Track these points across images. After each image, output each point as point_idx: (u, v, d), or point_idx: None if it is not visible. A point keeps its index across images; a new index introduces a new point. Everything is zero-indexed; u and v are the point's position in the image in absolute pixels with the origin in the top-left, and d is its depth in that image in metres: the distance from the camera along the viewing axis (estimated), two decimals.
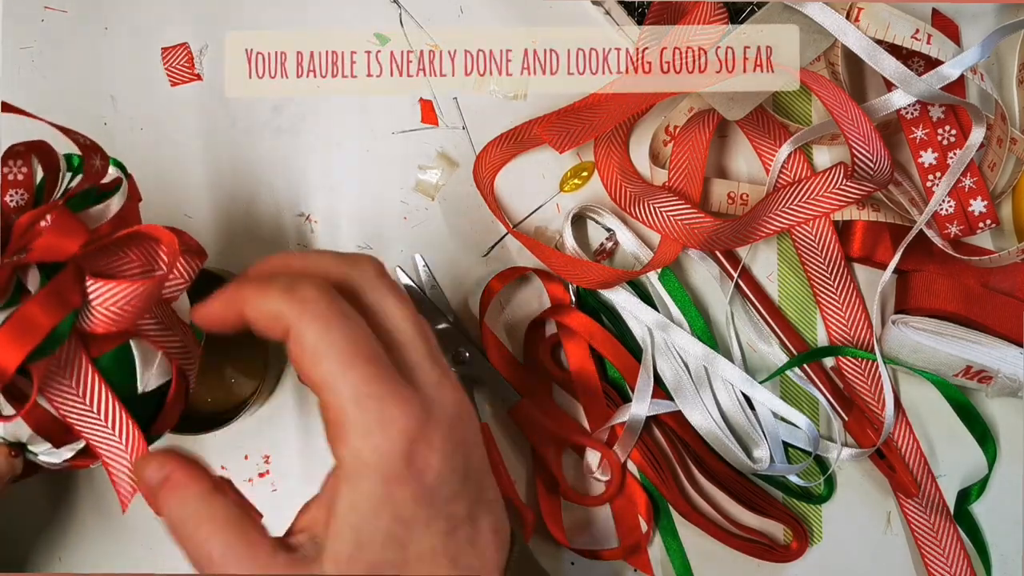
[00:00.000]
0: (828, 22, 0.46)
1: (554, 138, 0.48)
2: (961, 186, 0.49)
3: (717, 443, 0.50)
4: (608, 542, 0.52)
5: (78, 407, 0.35)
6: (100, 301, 0.34)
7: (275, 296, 0.33)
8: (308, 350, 0.33)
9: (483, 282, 0.51)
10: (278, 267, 0.36)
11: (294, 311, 0.33)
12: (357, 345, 0.33)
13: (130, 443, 0.36)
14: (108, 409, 0.36)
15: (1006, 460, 0.52)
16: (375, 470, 0.34)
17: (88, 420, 0.36)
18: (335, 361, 0.33)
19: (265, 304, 0.33)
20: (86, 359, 0.35)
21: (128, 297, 0.34)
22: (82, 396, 0.35)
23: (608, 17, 0.52)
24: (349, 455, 0.34)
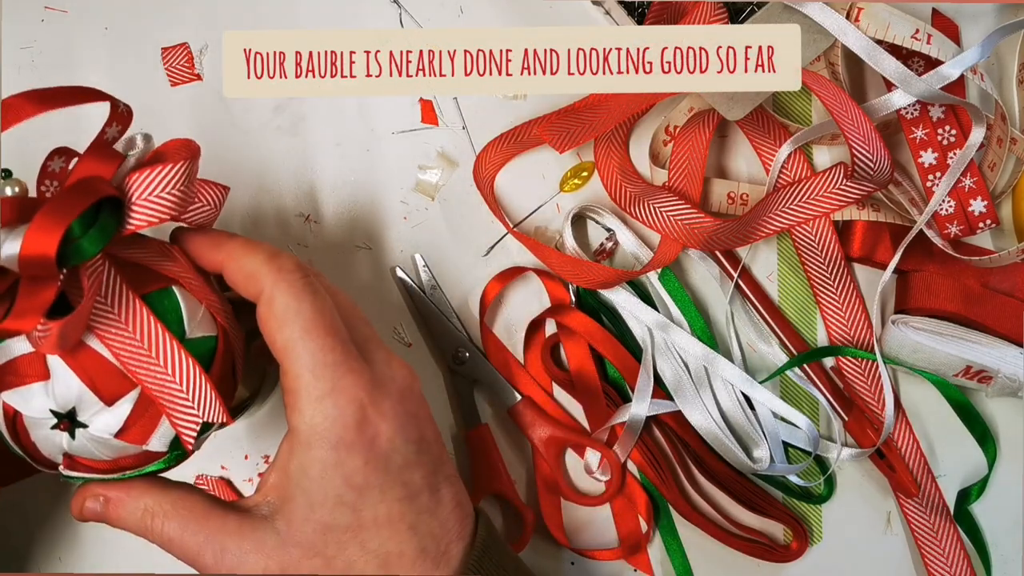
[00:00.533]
0: (828, 22, 0.46)
1: (554, 138, 0.48)
2: (961, 186, 0.49)
3: (717, 443, 0.50)
4: (608, 542, 0.52)
5: (132, 344, 0.34)
6: (140, 192, 0.34)
7: (259, 257, 0.36)
8: (276, 314, 0.36)
9: (483, 282, 0.51)
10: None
11: (271, 275, 0.36)
12: (322, 316, 0.36)
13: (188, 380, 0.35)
14: (162, 345, 0.34)
15: (1006, 460, 0.52)
16: (325, 437, 0.35)
17: (144, 359, 0.34)
18: (299, 328, 0.35)
19: (248, 262, 0.36)
20: (134, 296, 0.34)
21: (167, 181, 0.34)
22: (134, 332, 0.34)
23: (608, 17, 0.52)
24: (302, 422, 0.36)
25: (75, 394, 0.34)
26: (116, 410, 0.35)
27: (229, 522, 0.37)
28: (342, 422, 0.35)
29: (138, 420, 0.35)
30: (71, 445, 0.35)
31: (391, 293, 0.52)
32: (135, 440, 0.36)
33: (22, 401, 0.35)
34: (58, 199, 0.32)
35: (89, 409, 0.35)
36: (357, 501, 0.36)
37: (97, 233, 0.33)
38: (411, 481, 0.37)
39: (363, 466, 0.36)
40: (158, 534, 0.37)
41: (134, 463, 0.37)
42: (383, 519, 0.37)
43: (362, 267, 0.52)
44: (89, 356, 0.34)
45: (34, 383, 0.34)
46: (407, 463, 0.37)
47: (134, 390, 0.35)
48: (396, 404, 0.37)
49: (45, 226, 0.31)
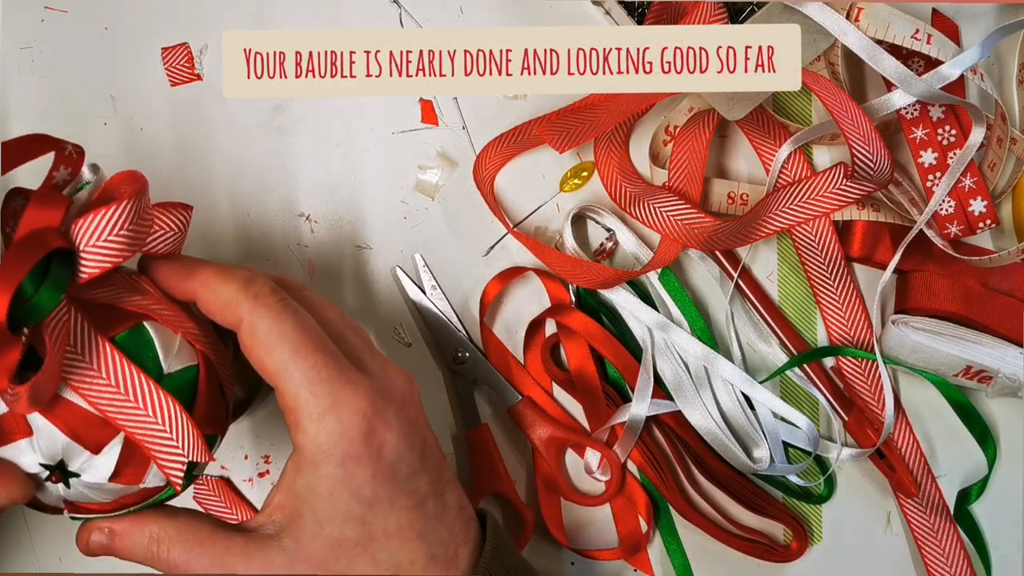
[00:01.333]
0: (828, 22, 0.46)
1: (554, 138, 0.48)
2: (961, 186, 0.49)
3: (717, 443, 0.50)
4: (608, 542, 0.52)
5: (108, 391, 0.34)
6: (88, 238, 0.33)
7: (233, 286, 0.36)
8: (260, 340, 0.35)
9: (483, 282, 0.51)
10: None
11: (248, 303, 0.35)
12: (307, 335, 0.35)
13: (170, 420, 0.34)
14: (138, 387, 0.34)
15: (1006, 460, 0.52)
16: (331, 453, 0.35)
17: (122, 404, 0.34)
18: (287, 350, 0.35)
19: (222, 291, 0.36)
20: (103, 340, 0.34)
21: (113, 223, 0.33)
22: (108, 378, 0.34)
23: (608, 17, 0.52)
24: (306, 440, 0.35)
25: (60, 446, 0.34)
26: (105, 457, 0.35)
27: (234, 543, 0.36)
28: (347, 436, 0.35)
29: (129, 462, 0.35)
30: (68, 493, 0.35)
31: (391, 293, 0.52)
32: (130, 481, 0.35)
33: (13, 457, 0.34)
34: (3, 261, 0.31)
35: (78, 459, 0.34)
36: (367, 514, 0.36)
37: (50, 288, 0.32)
38: (418, 489, 0.37)
39: (371, 479, 0.36)
40: (164, 560, 0.37)
41: (136, 500, 0.37)
42: (393, 530, 0.36)
43: (362, 267, 0.52)
44: (67, 408, 0.34)
45: (20, 440, 0.34)
46: (413, 471, 0.37)
47: (119, 435, 0.35)
48: (398, 411, 0.37)
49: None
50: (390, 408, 0.36)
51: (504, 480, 0.51)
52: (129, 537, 0.37)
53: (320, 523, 0.36)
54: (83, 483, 0.35)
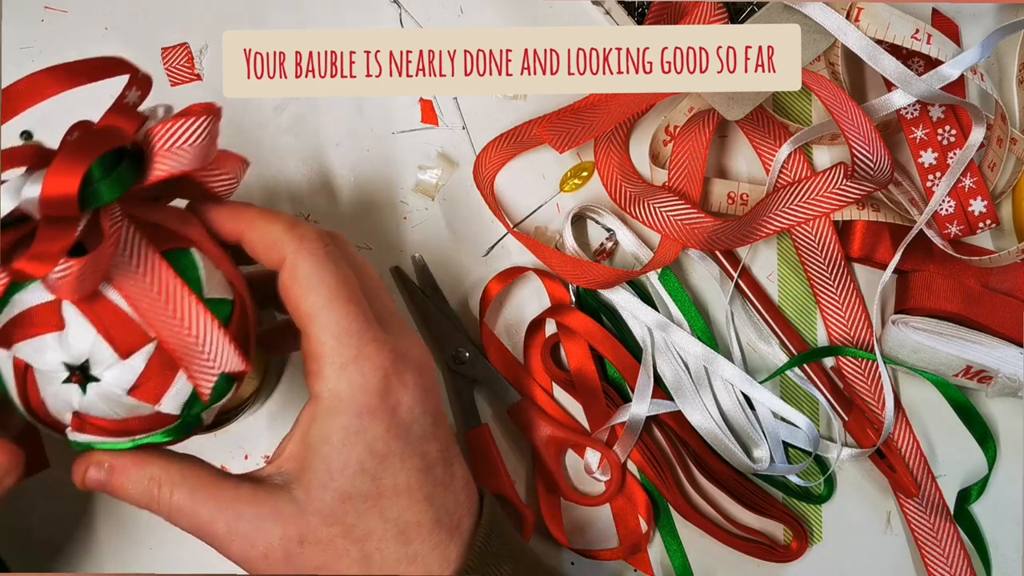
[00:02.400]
0: (828, 22, 0.46)
1: (554, 138, 0.48)
2: (961, 186, 0.49)
3: (717, 443, 0.50)
4: (608, 542, 0.52)
5: (149, 297, 0.33)
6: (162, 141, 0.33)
7: (279, 226, 0.36)
8: (300, 281, 0.35)
9: (483, 282, 0.51)
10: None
11: (293, 243, 0.36)
12: (344, 285, 0.36)
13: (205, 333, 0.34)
14: (180, 299, 0.33)
15: (1006, 460, 0.52)
16: (349, 403, 0.35)
17: (161, 312, 0.33)
18: (323, 296, 0.35)
19: (269, 230, 0.36)
20: (153, 250, 0.34)
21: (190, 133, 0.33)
22: (152, 285, 0.33)
23: (608, 17, 0.52)
24: (325, 388, 0.35)
25: (89, 345, 0.33)
26: (130, 364, 0.34)
27: (243, 490, 0.36)
28: (366, 389, 0.35)
29: (152, 377, 0.34)
30: (82, 401, 0.34)
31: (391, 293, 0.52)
32: (147, 398, 0.34)
33: (34, 353, 0.34)
34: (79, 141, 0.32)
35: (103, 362, 0.34)
36: (378, 469, 0.36)
37: (116, 178, 0.32)
38: (428, 452, 0.37)
39: (384, 433, 0.36)
40: (165, 504, 0.36)
41: (144, 426, 0.36)
42: (402, 488, 0.36)
43: None
44: (105, 306, 0.33)
45: (47, 334, 0.33)
46: (425, 434, 0.37)
47: (149, 344, 0.34)
48: (416, 376, 0.37)
49: (66, 165, 0.31)
50: (409, 371, 0.37)
51: (504, 480, 0.51)
52: (128, 475, 0.36)
53: (331, 474, 0.35)
54: (100, 391, 0.34)
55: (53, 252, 0.31)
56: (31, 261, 0.31)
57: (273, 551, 0.35)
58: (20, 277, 0.32)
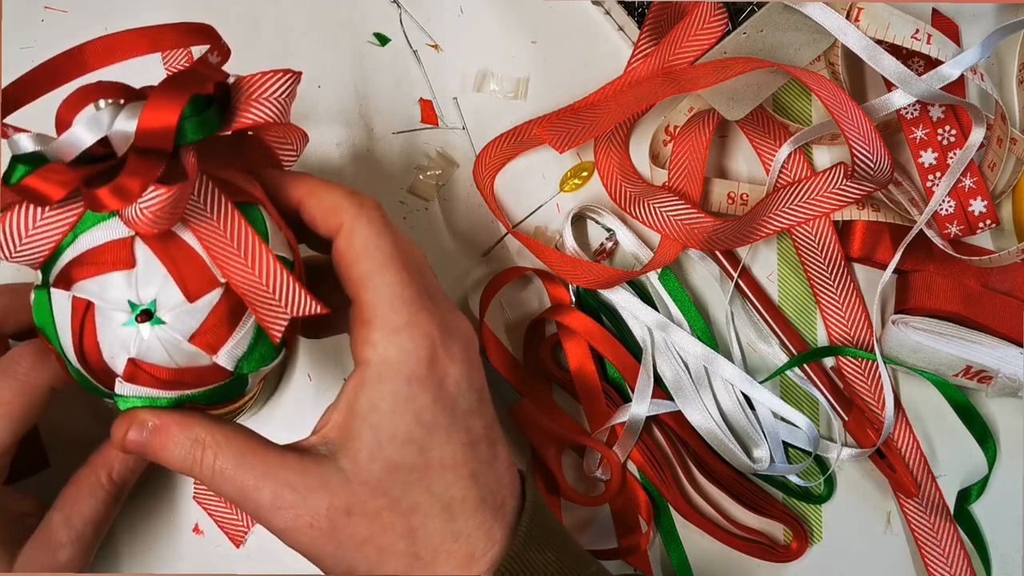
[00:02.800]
0: (828, 22, 0.46)
1: (554, 138, 0.48)
2: (961, 186, 0.49)
3: (717, 443, 0.50)
4: (608, 542, 0.52)
5: (222, 242, 0.33)
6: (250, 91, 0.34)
7: (340, 192, 0.36)
8: (356, 247, 0.36)
9: (483, 282, 0.51)
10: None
11: (353, 209, 0.36)
12: (400, 253, 0.36)
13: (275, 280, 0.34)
14: (252, 248, 0.34)
15: (1006, 460, 0.52)
16: (398, 370, 0.35)
17: (234, 258, 0.33)
18: (378, 260, 0.35)
19: (329, 196, 0.36)
20: (226, 199, 0.34)
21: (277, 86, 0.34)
22: (225, 231, 0.33)
23: (608, 17, 0.52)
24: (375, 354, 0.35)
25: (158, 285, 0.33)
26: (196, 307, 0.34)
27: (289, 458, 0.35)
28: (416, 356, 0.35)
29: (214, 325, 0.34)
30: (140, 346, 0.34)
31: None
32: (207, 347, 0.34)
33: (100, 290, 0.33)
34: (175, 79, 0.32)
35: (168, 304, 0.33)
36: (425, 440, 0.35)
37: (204, 119, 0.32)
38: (473, 428, 0.37)
39: (432, 404, 0.35)
40: (208, 467, 0.35)
41: (196, 379, 0.35)
42: (448, 462, 0.36)
43: None
44: (179, 247, 0.34)
45: (116, 271, 0.33)
46: (471, 409, 0.37)
47: (216, 289, 0.34)
48: (463, 349, 0.37)
49: (166, 98, 0.31)
50: (456, 344, 0.36)
51: None
52: (172, 436, 0.35)
53: (380, 443, 0.35)
54: (162, 334, 0.34)
55: (139, 185, 0.31)
56: (115, 192, 0.30)
57: (319, 521, 0.35)
58: (99, 207, 0.31)
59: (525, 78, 0.53)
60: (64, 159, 0.32)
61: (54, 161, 0.32)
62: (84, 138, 0.32)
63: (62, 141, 0.32)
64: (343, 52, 0.52)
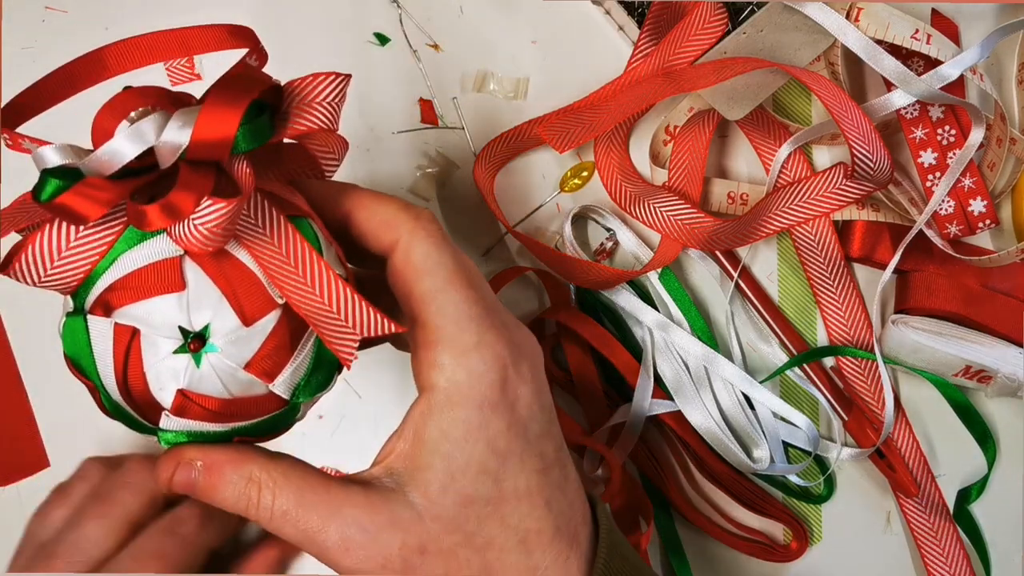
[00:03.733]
0: (828, 22, 0.46)
1: (554, 138, 0.48)
2: (961, 186, 0.49)
3: (717, 443, 0.50)
4: None
5: (279, 259, 0.30)
6: (301, 95, 0.31)
7: (394, 206, 0.34)
8: (415, 263, 0.33)
9: None
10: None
11: (409, 223, 0.33)
12: (463, 269, 0.34)
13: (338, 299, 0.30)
14: (310, 264, 0.31)
15: (1006, 460, 0.52)
16: (469, 395, 0.32)
17: (292, 277, 0.31)
18: (441, 278, 0.33)
19: (383, 210, 0.34)
20: (279, 213, 0.31)
21: (330, 89, 0.31)
22: (280, 248, 0.30)
23: (608, 17, 0.52)
24: (442, 378, 0.32)
25: (212, 309, 0.30)
26: (252, 332, 0.31)
27: (354, 494, 0.32)
28: (488, 379, 0.32)
29: (272, 351, 0.31)
30: (191, 376, 0.31)
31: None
32: (264, 374, 0.31)
33: (146, 316, 0.30)
34: (227, 84, 0.29)
35: (223, 328, 0.30)
36: (500, 470, 0.33)
37: (257, 127, 0.29)
38: (546, 453, 0.34)
39: (506, 430, 0.33)
40: (266, 508, 0.32)
41: (249, 411, 0.32)
42: (523, 491, 0.33)
43: None
44: (234, 266, 0.31)
45: (164, 295, 0.30)
46: (543, 432, 0.34)
47: (274, 311, 0.31)
48: (532, 368, 0.34)
49: (223, 106, 0.28)
50: (526, 363, 0.34)
51: None
52: (223, 475, 0.32)
53: (452, 475, 0.32)
54: (216, 362, 0.31)
55: (193, 200, 0.28)
56: (165, 209, 0.28)
57: (391, 562, 0.32)
58: (146, 225, 0.28)
59: (525, 78, 0.53)
60: (103, 173, 0.28)
61: (92, 175, 0.28)
62: (128, 150, 0.28)
63: (102, 152, 0.28)
64: (343, 52, 0.52)
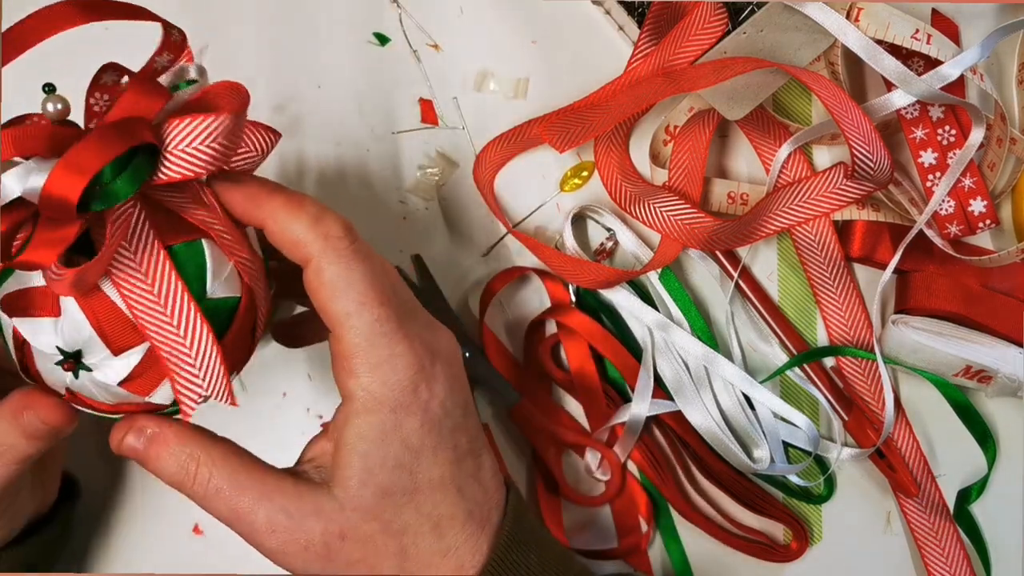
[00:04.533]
0: (828, 22, 0.46)
1: (554, 138, 0.48)
2: (961, 186, 0.49)
3: (717, 443, 0.50)
4: (608, 542, 0.52)
5: (147, 298, 0.32)
6: (179, 141, 0.31)
7: (304, 224, 0.34)
8: (327, 285, 0.35)
9: (483, 282, 0.51)
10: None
11: (319, 243, 0.34)
12: (374, 286, 0.35)
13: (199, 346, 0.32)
14: (179, 304, 0.32)
15: (1006, 460, 0.52)
16: (383, 402, 0.35)
17: (157, 316, 0.32)
18: (352, 300, 0.35)
19: (292, 228, 0.34)
20: (159, 246, 0.33)
21: (207, 133, 0.32)
22: (152, 285, 0.32)
23: (608, 17, 0.52)
24: (359, 388, 0.35)
25: (84, 337, 0.33)
26: (123, 360, 0.33)
27: (285, 483, 0.36)
28: (400, 387, 0.35)
29: (144, 372, 0.34)
30: (73, 383, 0.34)
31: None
32: (138, 392, 0.34)
33: (31, 332, 0.33)
34: (92, 140, 0.30)
35: (96, 354, 0.33)
36: (414, 464, 0.36)
37: (128, 179, 0.31)
38: (459, 444, 0.38)
39: (419, 428, 0.36)
40: (202, 484, 0.36)
41: (135, 411, 0.36)
42: (436, 481, 0.37)
43: None
44: (101, 302, 0.33)
45: (44, 317, 0.33)
46: (456, 426, 0.37)
47: (144, 344, 0.33)
48: (446, 368, 0.37)
49: (73, 168, 0.30)
50: (438, 364, 0.37)
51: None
52: (168, 447, 0.36)
53: (370, 470, 0.36)
54: (92, 379, 0.34)
55: (50, 252, 0.30)
56: (30, 254, 0.30)
57: (313, 546, 0.36)
58: (20, 267, 0.31)
59: (525, 78, 0.53)
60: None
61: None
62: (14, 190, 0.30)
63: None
64: (343, 52, 0.52)
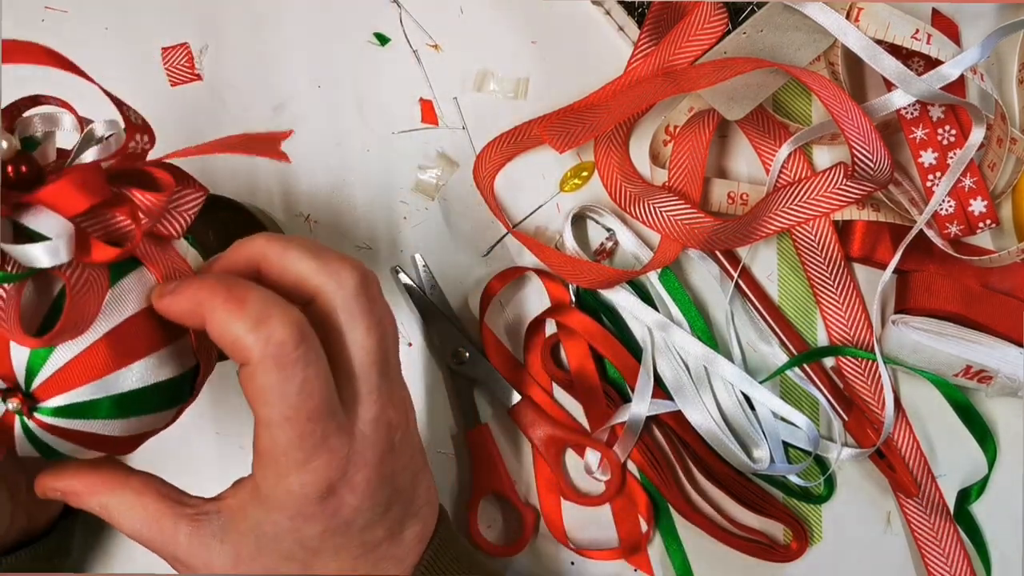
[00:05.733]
0: (828, 22, 0.46)
1: (554, 138, 0.48)
2: (961, 186, 0.49)
3: (717, 443, 0.50)
4: (608, 542, 0.52)
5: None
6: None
7: (243, 325, 0.32)
8: (258, 389, 0.32)
9: (483, 282, 0.51)
10: (255, 257, 0.34)
11: (257, 347, 0.32)
12: (306, 401, 0.33)
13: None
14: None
15: (1006, 460, 0.52)
16: (284, 507, 0.34)
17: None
18: (279, 412, 0.32)
19: (231, 328, 0.32)
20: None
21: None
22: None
23: (608, 17, 0.52)
24: (264, 485, 0.34)
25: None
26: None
27: (180, 535, 0.36)
28: (304, 499, 0.34)
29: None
30: None
31: (391, 293, 0.52)
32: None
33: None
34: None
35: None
36: (309, 559, 0.36)
37: None
38: (370, 540, 0.37)
39: (320, 533, 0.35)
40: (116, 525, 0.37)
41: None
42: (334, 571, 0.36)
43: None
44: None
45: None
46: (369, 524, 0.36)
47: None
48: (371, 473, 0.35)
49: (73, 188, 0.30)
50: (362, 471, 0.35)
51: (504, 480, 0.51)
52: (81, 500, 0.37)
53: (262, 551, 0.35)
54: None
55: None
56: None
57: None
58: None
59: (525, 78, 0.53)
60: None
61: None
62: None
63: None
64: (343, 52, 0.52)
